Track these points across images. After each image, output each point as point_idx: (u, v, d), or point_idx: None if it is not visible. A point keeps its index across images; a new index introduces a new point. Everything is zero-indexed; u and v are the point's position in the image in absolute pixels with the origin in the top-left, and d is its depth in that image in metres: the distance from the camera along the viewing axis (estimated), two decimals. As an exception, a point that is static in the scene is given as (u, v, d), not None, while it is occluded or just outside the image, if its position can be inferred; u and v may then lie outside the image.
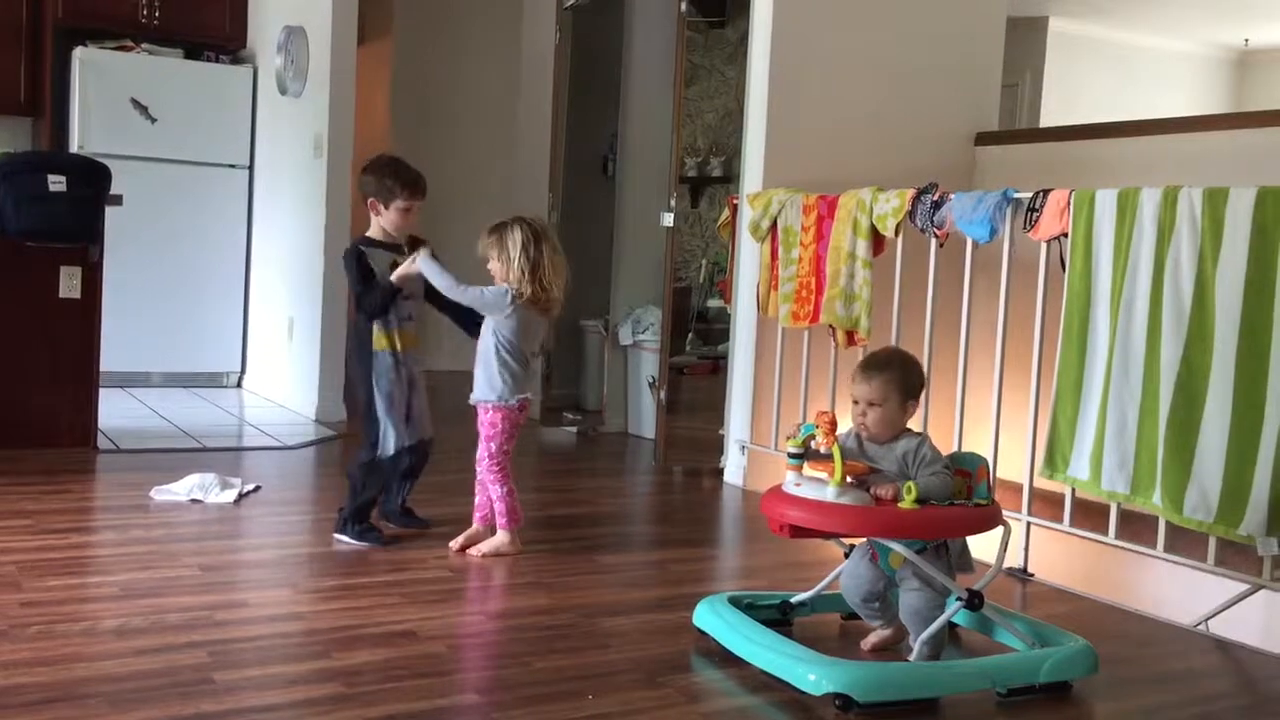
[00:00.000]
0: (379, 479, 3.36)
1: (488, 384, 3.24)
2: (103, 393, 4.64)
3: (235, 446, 4.87)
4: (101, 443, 4.57)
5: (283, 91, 5.91)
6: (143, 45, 6.24)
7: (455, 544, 3.29)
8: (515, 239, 3.16)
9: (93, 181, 4.46)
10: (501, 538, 3.27)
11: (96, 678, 2.25)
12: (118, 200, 4.58)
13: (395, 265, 3.28)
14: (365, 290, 3.29)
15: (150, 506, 3.66)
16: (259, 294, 6.38)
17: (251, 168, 6.41)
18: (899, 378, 2.52)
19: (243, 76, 6.39)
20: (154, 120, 6.15)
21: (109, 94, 6.05)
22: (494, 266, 3.21)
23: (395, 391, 3.31)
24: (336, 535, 3.36)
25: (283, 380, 5.98)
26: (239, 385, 6.50)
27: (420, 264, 3.24)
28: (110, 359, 4.86)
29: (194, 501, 3.71)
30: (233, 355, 6.48)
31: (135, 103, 6.10)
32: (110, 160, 4.69)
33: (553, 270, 3.18)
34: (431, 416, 3.47)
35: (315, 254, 5.58)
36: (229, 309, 6.44)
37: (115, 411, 5.14)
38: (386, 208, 3.32)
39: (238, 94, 6.36)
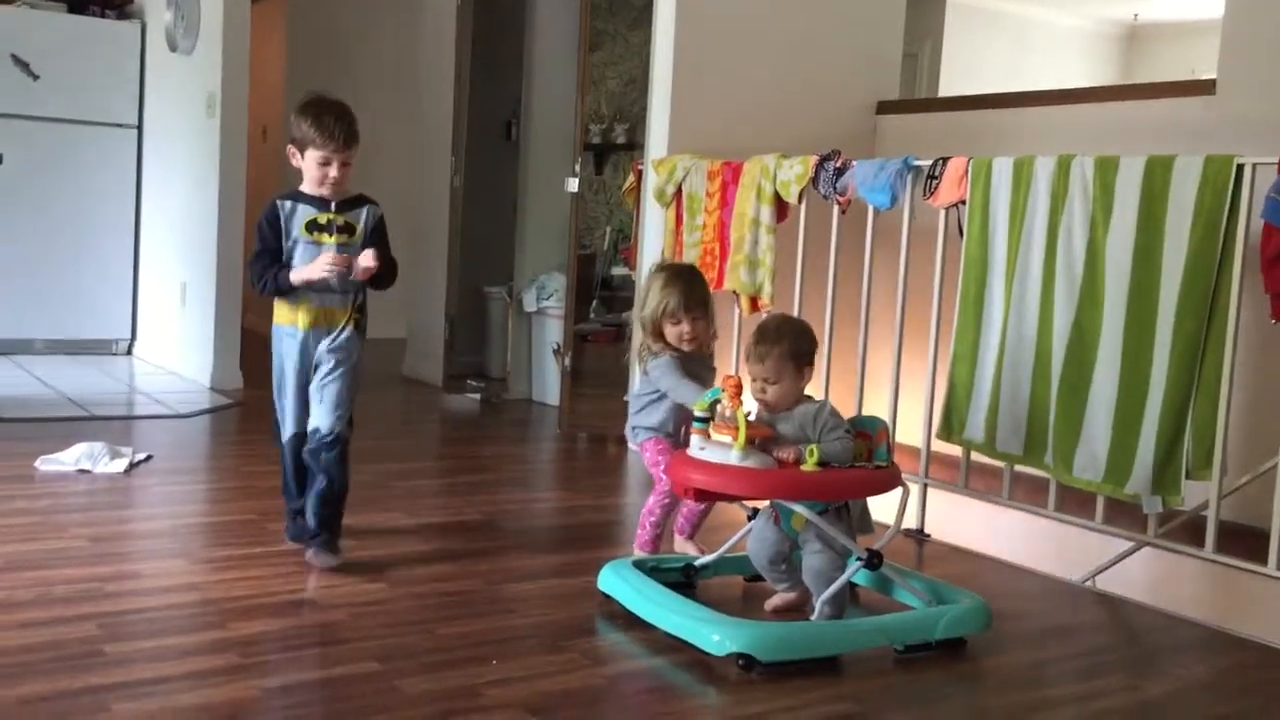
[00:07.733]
0: (283, 468, 2.95)
1: None
2: (-17, 360, 4.47)
3: (125, 415, 4.73)
4: (-17, 412, 4.41)
5: (173, 48, 5.71)
6: (23, -2, 6.00)
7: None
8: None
9: (-30, 139, 4.28)
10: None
11: (-22, 652, 2.17)
12: (-3, 159, 4.40)
13: (315, 224, 2.79)
14: (255, 257, 2.83)
15: (35, 476, 3.53)
16: (150, 258, 6.19)
17: (140, 127, 6.20)
18: (789, 349, 2.55)
19: (130, 32, 6.16)
20: (36, 77, 5.92)
21: (-13, 48, 5.80)
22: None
23: (286, 372, 2.86)
24: None
25: (176, 347, 5.81)
26: (129, 352, 6.31)
27: (655, 373, 2.96)
28: (-9, 325, 4.68)
29: (82, 471, 3.60)
30: (122, 321, 6.28)
31: (16, 59, 5.86)
32: (-11, 117, 4.51)
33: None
34: (341, 406, 2.83)
35: (209, 216, 5.42)
36: (118, 273, 6.24)
37: (-3, 379, 4.96)
38: (303, 156, 2.79)
39: (125, 50, 6.14)
